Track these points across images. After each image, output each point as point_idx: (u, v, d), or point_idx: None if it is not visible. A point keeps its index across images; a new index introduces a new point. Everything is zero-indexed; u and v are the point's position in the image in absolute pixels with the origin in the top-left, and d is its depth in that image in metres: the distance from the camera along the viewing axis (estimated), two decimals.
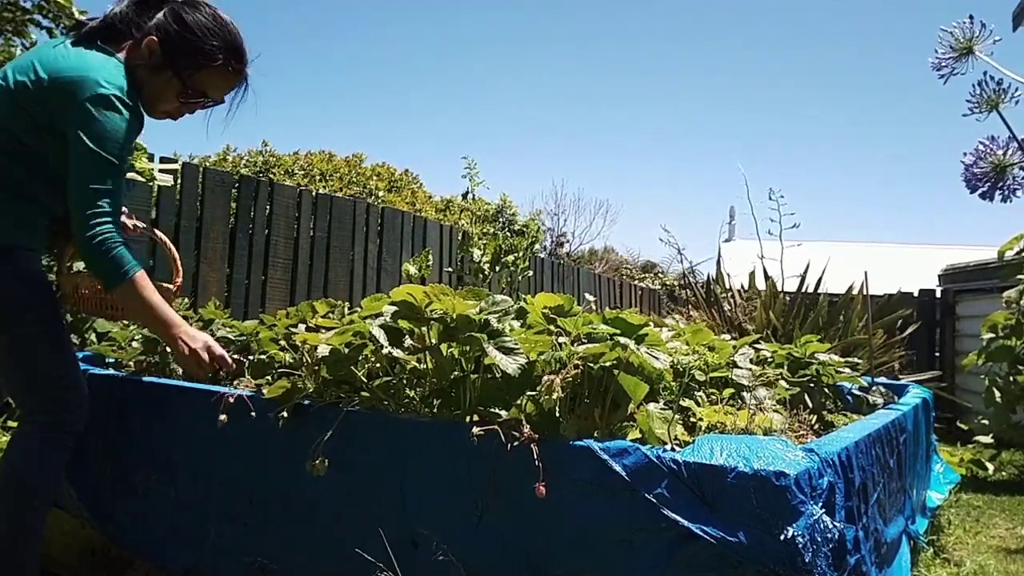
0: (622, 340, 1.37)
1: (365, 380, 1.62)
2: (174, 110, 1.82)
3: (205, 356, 1.71)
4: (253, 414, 1.62)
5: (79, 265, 1.97)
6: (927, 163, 40.93)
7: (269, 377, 1.87)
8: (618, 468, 1.18)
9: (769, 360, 2.00)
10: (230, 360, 1.78)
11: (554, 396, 1.30)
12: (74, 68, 1.62)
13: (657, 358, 1.39)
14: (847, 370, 2.03)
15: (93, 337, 3.37)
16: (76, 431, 1.75)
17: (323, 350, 1.59)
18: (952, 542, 2.67)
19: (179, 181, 4.43)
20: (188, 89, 1.77)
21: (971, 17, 1.99)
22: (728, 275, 4.80)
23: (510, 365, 1.37)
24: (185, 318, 1.89)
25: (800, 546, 1.04)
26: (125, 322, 2.29)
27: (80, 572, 2.04)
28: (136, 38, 1.73)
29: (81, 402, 1.76)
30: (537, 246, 7.87)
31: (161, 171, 1.74)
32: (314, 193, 5.11)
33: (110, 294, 1.72)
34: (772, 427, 1.49)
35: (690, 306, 4.76)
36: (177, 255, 2.13)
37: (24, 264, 1.70)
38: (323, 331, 1.69)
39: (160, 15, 1.74)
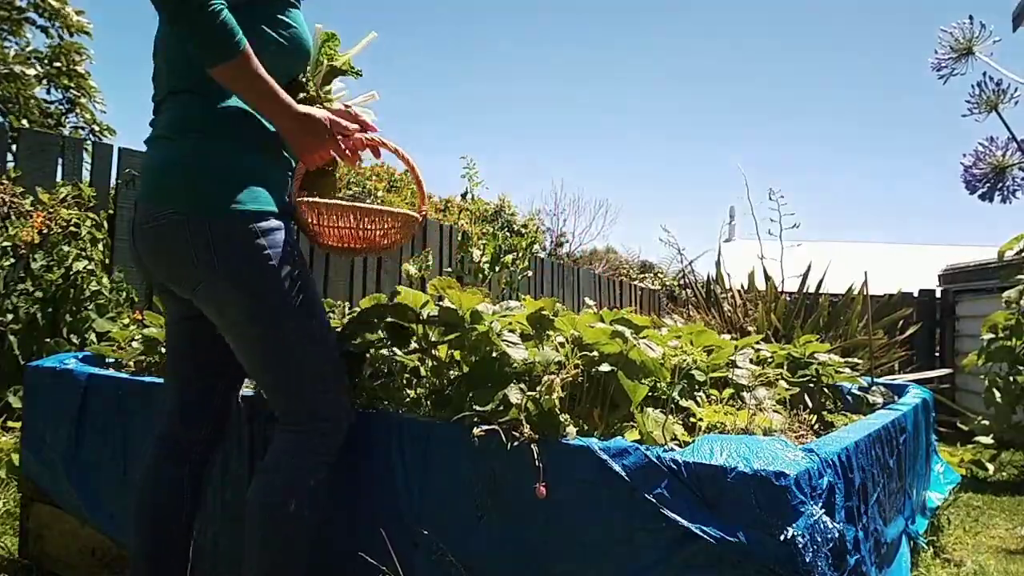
0: (622, 330, 1.39)
1: (367, 380, 1.62)
2: None
3: (340, 121, 1.44)
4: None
5: None
6: (927, 163, 41.01)
7: None
8: (618, 468, 1.18)
9: (769, 360, 1.99)
10: (368, 120, 1.50)
11: (554, 396, 1.30)
12: None
13: (652, 348, 1.42)
14: (847, 370, 2.03)
15: (93, 337, 3.37)
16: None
17: None
18: (952, 542, 2.67)
19: None
20: None
21: (971, 18, 1.99)
22: (728, 275, 4.78)
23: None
24: None
25: (800, 546, 1.05)
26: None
27: (80, 571, 2.04)
28: None
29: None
30: (536, 246, 7.87)
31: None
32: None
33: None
34: (772, 427, 1.49)
35: (690, 306, 4.76)
36: (421, 175, 1.61)
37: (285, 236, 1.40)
38: None
39: None
